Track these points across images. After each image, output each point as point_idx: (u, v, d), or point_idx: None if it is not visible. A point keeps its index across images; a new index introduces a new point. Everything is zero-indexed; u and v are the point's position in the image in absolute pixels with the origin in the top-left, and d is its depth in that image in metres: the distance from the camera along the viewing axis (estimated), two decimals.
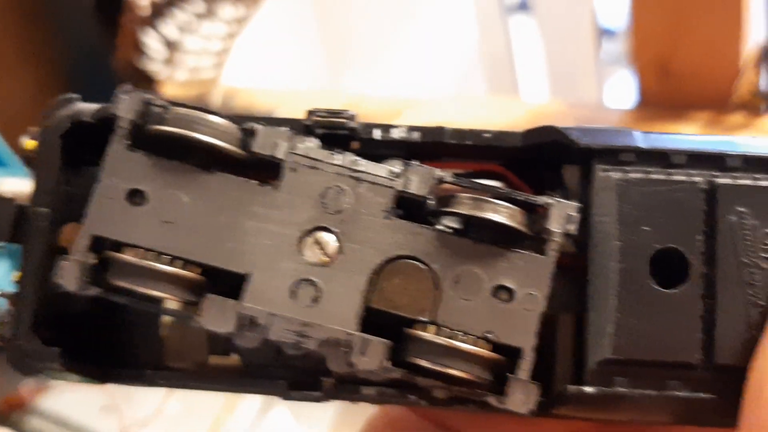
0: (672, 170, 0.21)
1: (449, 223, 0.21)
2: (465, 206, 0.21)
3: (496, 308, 0.21)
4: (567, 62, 0.93)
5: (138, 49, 0.69)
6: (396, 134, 0.22)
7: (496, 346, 0.21)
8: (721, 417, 0.20)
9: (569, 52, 0.92)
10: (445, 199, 0.21)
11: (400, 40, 1.02)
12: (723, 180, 0.21)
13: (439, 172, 0.21)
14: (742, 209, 0.21)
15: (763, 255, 0.20)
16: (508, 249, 0.21)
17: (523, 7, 1.00)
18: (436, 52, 1.04)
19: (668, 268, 0.21)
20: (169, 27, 0.68)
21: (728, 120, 0.59)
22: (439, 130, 0.22)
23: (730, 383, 0.20)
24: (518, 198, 0.21)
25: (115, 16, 0.68)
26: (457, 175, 0.22)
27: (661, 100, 0.61)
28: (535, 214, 0.21)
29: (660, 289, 0.21)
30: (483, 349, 0.20)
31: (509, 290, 0.21)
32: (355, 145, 0.22)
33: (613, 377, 0.20)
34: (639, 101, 0.62)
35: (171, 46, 0.69)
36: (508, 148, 0.22)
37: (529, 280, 0.21)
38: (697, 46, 0.58)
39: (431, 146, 0.22)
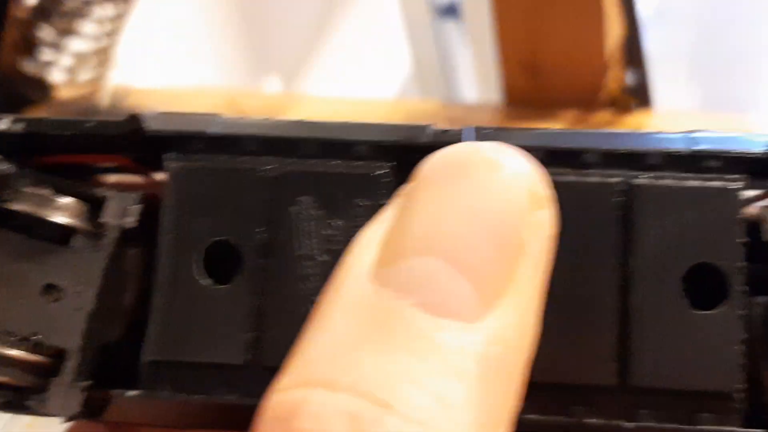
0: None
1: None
2: (24, 203, 0.20)
3: (44, 308, 0.19)
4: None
5: (23, 51, 0.69)
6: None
7: (48, 348, 0.19)
8: None
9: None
10: (5, 195, 0.20)
11: (330, 40, 1.01)
12: (293, 168, 0.19)
13: None
14: (304, 198, 0.19)
15: (324, 247, 0.19)
16: (63, 245, 0.20)
17: (451, 11, 0.99)
18: (366, 54, 1.04)
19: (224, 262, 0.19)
20: (48, 29, 0.67)
21: (595, 117, 0.57)
22: (37, 121, 0.21)
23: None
24: (80, 191, 0.20)
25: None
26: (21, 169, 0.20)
27: (529, 98, 0.60)
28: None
29: (208, 284, 0.19)
30: (25, 351, 0.19)
31: (59, 289, 0.19)
32: None
33: (162, 379, 0.19)
34: (508, 100, 0.60)
35: (54, 46, 0.69)
36: (114, 136, 0.21)
37: (81, 277, 0.19)
38: (560, 44, 0.57)
39: (37, 139, 0.21)
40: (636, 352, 0.18)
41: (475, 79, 1.02)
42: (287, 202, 0.19)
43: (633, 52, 0.54)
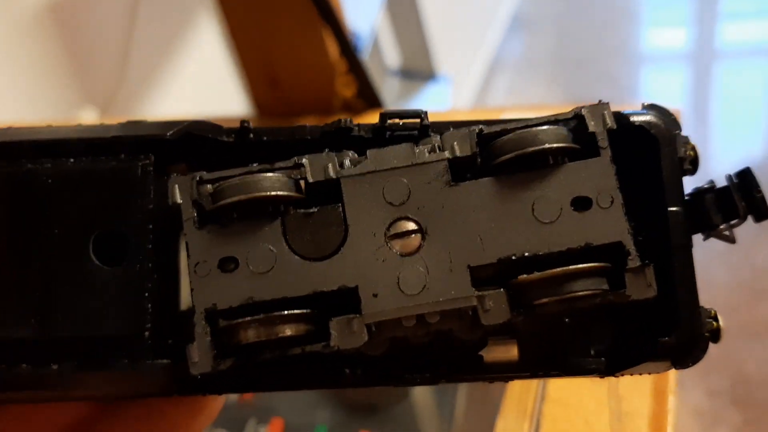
0: None
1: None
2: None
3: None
4: None
5: None
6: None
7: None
8: None
9: None
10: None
11: (175, 62, 1.04)
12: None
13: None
14: None
15: None
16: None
17: None
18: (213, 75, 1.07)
19: None
20: None
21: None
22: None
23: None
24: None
25: None
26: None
27: (275, 110, 0.64)
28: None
29: None
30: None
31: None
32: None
33: None
34: (258, 112, 0.65)
35: None
36: None
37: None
38: (291, 57, 0.61)
39: None
40: (53, 307, 0.22)
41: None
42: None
43: (351, 61, 0.59)
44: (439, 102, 1.57)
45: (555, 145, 0.21)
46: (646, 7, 2.61)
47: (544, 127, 0.22)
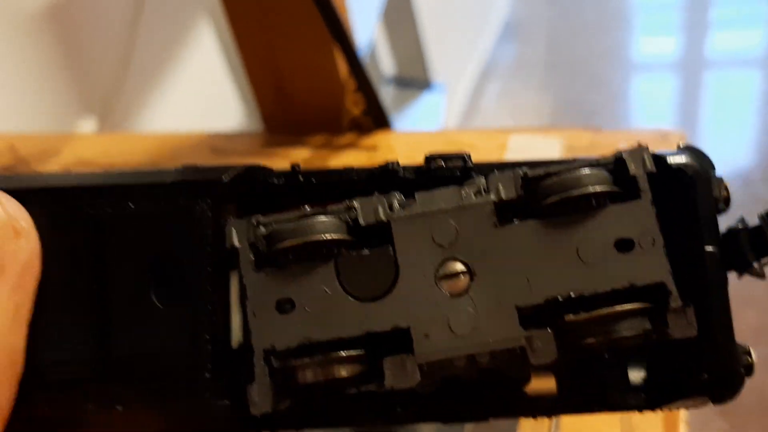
0: None
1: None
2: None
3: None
4: None
5: None
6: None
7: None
8: None
9: None
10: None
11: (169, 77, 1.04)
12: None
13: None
14: None
15: None
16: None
17: None
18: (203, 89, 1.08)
19: None
20: None
21: (339, 140, 0.63)
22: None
23: None
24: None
25: None
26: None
27: (284, 125, 0.65)
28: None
29: None
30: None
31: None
32: None
33: None
34: (267, 127, 0.65)
35: None
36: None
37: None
38: (302, 75, 0.62)
39: None
40: (115, 348, 0.22)
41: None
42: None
43: (360, 80, 0.59)
44: (433, 110, 1.58)
45: (598, 188, 0.22)
46: (637, 14, 2.63)
47: (587, 171, 0.22)
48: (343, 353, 0.22)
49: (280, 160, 0.63)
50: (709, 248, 0.23)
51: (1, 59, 0.84)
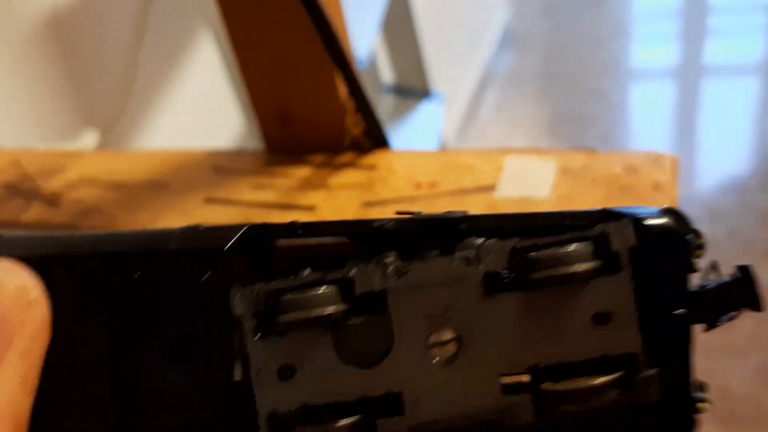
0: None
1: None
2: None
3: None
4: None
5: None
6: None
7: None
8: None
9: None
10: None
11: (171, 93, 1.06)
12: None
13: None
14: None
15: None
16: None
17: None
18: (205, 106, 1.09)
19: None
20: None
21: (339, 160, 0.64)
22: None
23: None
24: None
25: None
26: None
27: (286, 146, 0.66)
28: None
29: None
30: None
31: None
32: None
33: None
34: (268, 148, 0.67)
35: None
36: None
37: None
38: (304, 99, 0.63)
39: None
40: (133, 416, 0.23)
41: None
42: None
43: (359, 102, 0.61)
44: (432, 119, 1.59)
45: (583, 267, 0.23)
46: (634, 24, 2.65)
47: (573, 247, 0.24)
48: (341, 422, 0.23)
49: (281, 179, 0.64)
50: (678, 311, 0.24)
51: (7, 76, 0.85)
